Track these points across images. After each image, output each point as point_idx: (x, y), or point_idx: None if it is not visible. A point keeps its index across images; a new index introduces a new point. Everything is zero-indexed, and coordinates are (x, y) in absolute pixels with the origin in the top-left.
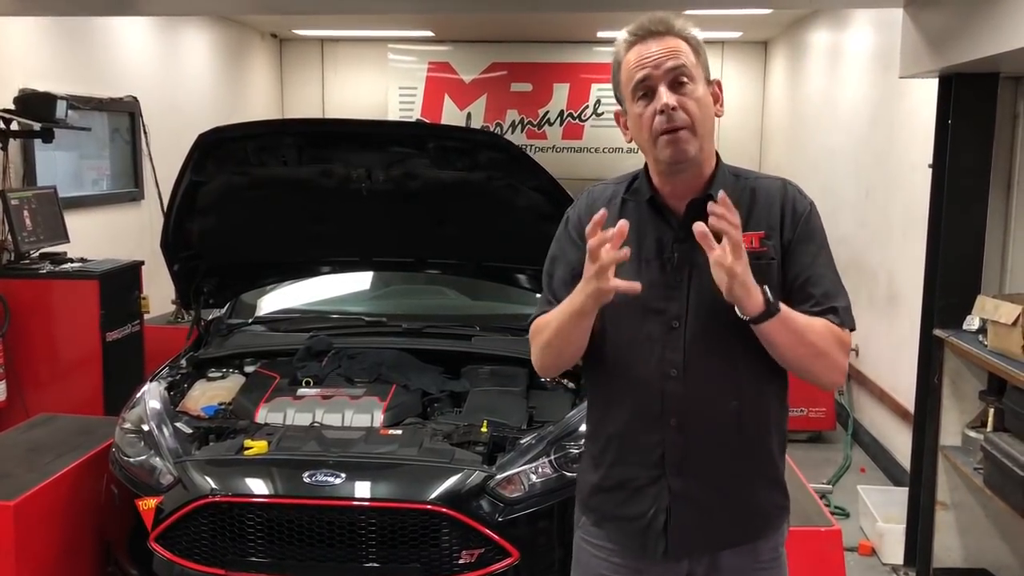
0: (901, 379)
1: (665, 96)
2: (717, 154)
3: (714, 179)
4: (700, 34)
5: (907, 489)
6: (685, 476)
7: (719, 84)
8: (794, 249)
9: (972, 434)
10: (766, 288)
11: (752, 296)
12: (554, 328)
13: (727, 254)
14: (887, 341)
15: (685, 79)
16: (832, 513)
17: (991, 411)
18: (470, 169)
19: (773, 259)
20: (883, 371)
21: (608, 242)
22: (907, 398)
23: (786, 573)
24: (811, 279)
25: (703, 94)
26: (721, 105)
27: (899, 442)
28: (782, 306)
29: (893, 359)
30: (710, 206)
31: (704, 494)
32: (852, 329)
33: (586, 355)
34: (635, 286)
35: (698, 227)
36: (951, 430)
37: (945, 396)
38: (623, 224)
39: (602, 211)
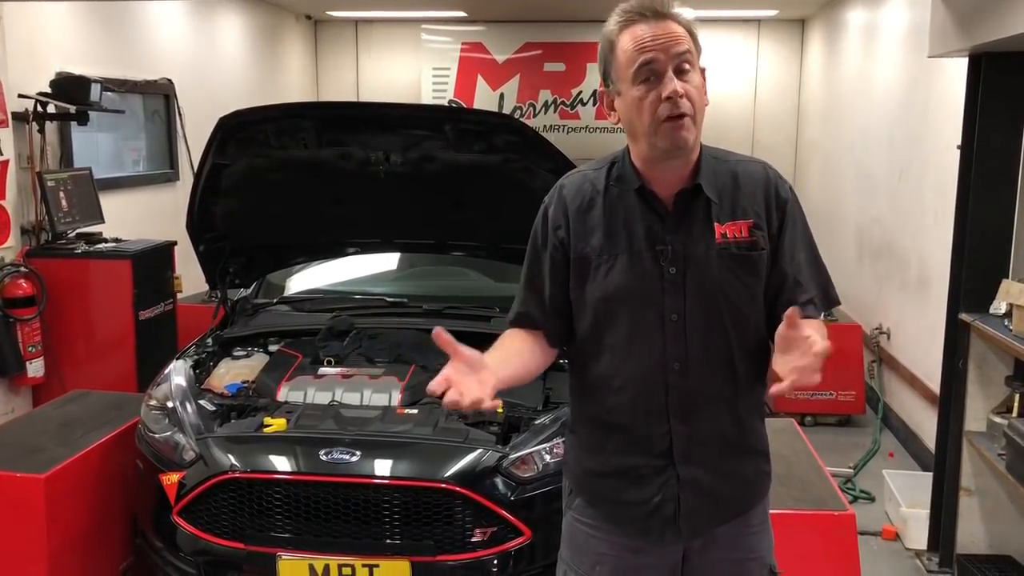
0: (931, 364)
1: (673, 81)
2: None
3: (699, 167)
4: (693, 15)
5: (932, 474)
6: (691, 463)
7: (704, 72)
8: (780, 239)
9: (997, 420)
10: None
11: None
12: None
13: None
14: (918, 325)
15: (688, 66)
16: (857, 497)
17: (1016, 397)
18: (486, 152)
19: (763, 249)
20: (914, 355)
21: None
22: (937, 383)
23: (771, 533)
24: (797, 267)
25: (700, 82)
26: (706, 94)
27: (928, 427)
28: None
29: (924, 343)
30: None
31: (708, 478)
32: (836, 303)
33: (578, 348)
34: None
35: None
36: (976, 415)
37: (970, 381)
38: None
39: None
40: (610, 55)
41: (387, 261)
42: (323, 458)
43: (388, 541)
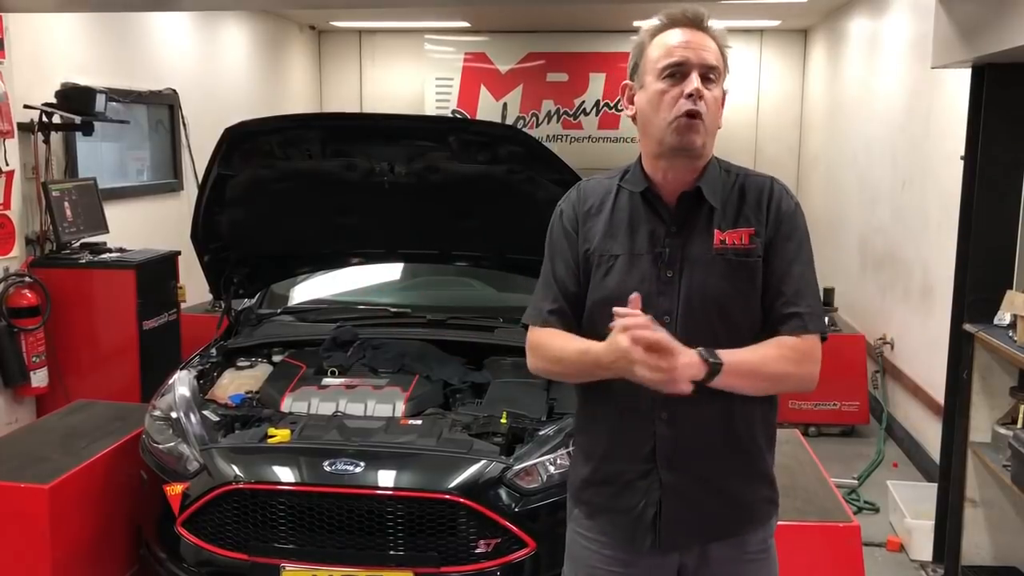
0: (935, 374)
1: (696, 82)
2: None
3: (705, 172)
4: (724, 27)
5: (937, 485)
6: (676, 470)
7: (724, 96)
8: (774, 247)
9: (1002, 431)
10: (700, 350)
11: (693, 367)
12: (567, 367)
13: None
14: (922, 335)
15: (713, 77)
16: (861, 508)
17: (1021, 408)
18: (490, 163)
19: (760, 257)
20: (917, 365)
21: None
22: (941, 393)
23: (775, 565)
24: (785, 277)
25: (719, 96)
26: (720, 117)
27: (932, 437)
28: (725, 357)
29: (928, 353)
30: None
31: (694, 488)
32: (822, 334)
33: None
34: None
35: None
36: (981, 426)
37: (975, 392)
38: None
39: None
40: (644, 51)
41: (391, 271)
42: (327, 469)
43: (392, 552)
